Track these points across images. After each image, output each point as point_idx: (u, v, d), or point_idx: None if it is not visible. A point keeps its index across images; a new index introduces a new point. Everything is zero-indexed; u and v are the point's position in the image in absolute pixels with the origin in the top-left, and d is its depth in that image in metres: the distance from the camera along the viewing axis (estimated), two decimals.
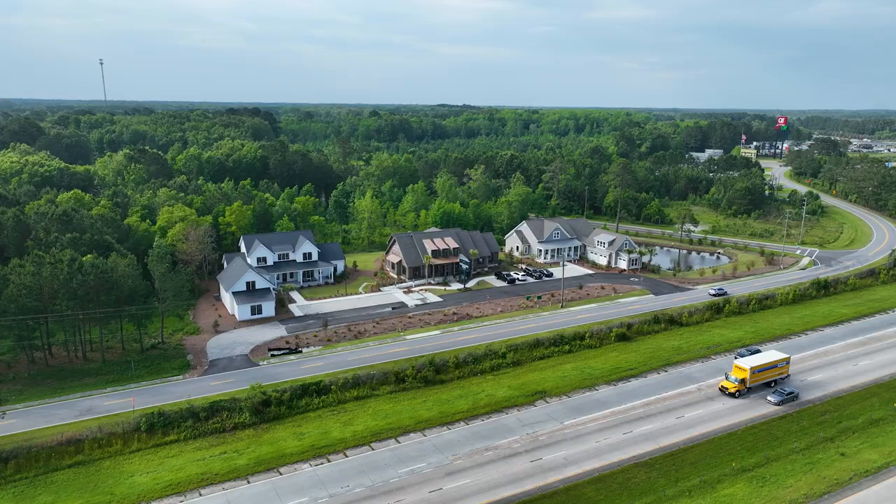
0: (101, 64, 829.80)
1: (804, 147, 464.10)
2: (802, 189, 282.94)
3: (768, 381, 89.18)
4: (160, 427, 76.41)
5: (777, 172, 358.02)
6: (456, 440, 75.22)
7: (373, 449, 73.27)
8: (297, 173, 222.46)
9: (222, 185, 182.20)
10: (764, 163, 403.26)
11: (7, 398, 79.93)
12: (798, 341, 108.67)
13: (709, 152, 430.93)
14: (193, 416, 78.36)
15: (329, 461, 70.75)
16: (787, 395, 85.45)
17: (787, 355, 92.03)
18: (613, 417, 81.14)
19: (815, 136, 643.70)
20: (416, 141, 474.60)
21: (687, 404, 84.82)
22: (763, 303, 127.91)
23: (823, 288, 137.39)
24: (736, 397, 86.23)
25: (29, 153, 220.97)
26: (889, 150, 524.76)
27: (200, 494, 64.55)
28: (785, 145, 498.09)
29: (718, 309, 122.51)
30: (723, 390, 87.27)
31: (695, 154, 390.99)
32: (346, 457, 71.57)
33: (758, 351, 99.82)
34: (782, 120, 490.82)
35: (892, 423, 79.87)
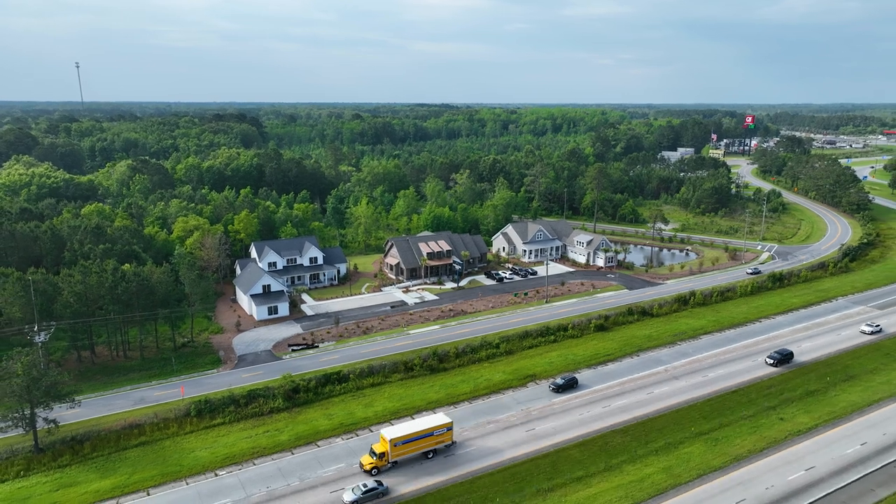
0: (77, 67, 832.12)
1: (771, 144, 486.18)
2: (767, 186, 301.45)
3: (426, 451, 78.32)
4: (207, 412, 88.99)
5: (744, 170, 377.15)
6: (462, 416, 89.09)
7: (392, 425, 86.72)
8: (292, 180, 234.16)
9: (224, 193, 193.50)
10: (733, 160, 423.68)
11: (80, 389, 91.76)
12: (752, 327, 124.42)
13: (681, 151, 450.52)
14: (234, 402, 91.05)
15: (357, 435, 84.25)
16: (365, 492, 69.55)
17: (449, 420, 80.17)
18: (594, 395, 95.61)
19: (782, 132, 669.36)
20: (400, 143, 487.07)
21: (655, 382, 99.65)
22: (725, 295, 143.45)
23: (779, 280, 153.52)
24: (373, 475, 73.80)
25: (33, 165, 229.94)
26: (851, 146, 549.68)
27: (254, 464, 77.67)
28: (753, 142, 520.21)
29: (685, 301, 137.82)
30: (361, 467, 75.21)
31: (667, 153, 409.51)
32: (372, 432, 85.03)
33: (574, 380, 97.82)
34: (750, 119, 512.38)
35: (824, 394, 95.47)
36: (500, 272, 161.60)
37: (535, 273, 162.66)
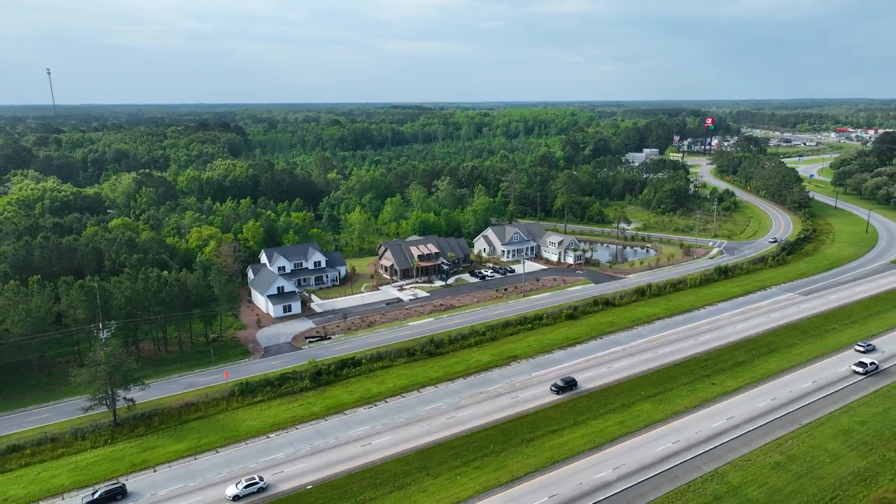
0: (49, 73, 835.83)
1: (730, 143, 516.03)
2: (724, 185, 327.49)
3: None
4: (249, 392, 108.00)
5: (704, 170, 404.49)
6: (459, 389, 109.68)
7: (403, 397, 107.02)
8: (286, 189, 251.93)
9: (229, 204, 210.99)
10: (694, 160, 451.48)
11: (148, 375, 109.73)
12: (698, 313, 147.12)
13: (646, 152, 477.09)
14: (270, 384, 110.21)
15: (376, 406, 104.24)
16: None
17: None
18: (565, 370, 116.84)
19: (742, 130, 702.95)
20: (378, 147, 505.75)
21: (615, 359, 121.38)
22: (677, 286, 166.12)
23: (724, 273, 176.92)
24: None
25: (41, 179, 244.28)
26: (804, 144, 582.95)
27: (297, 429, 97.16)
28: (714, 142, 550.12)
29: (643, 292, 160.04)
30: None
31: (633, 155, 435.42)
32: (387, 402, 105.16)
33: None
34: (710, 120, 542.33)
35: (750, 364, 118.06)
36: (482, 271, 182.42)
37: (513, 271, 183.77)
